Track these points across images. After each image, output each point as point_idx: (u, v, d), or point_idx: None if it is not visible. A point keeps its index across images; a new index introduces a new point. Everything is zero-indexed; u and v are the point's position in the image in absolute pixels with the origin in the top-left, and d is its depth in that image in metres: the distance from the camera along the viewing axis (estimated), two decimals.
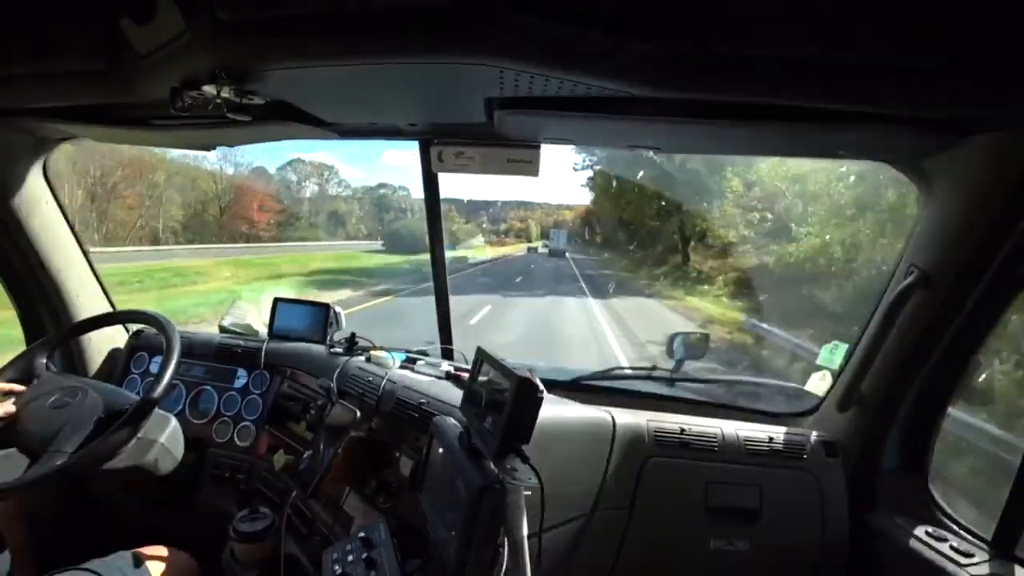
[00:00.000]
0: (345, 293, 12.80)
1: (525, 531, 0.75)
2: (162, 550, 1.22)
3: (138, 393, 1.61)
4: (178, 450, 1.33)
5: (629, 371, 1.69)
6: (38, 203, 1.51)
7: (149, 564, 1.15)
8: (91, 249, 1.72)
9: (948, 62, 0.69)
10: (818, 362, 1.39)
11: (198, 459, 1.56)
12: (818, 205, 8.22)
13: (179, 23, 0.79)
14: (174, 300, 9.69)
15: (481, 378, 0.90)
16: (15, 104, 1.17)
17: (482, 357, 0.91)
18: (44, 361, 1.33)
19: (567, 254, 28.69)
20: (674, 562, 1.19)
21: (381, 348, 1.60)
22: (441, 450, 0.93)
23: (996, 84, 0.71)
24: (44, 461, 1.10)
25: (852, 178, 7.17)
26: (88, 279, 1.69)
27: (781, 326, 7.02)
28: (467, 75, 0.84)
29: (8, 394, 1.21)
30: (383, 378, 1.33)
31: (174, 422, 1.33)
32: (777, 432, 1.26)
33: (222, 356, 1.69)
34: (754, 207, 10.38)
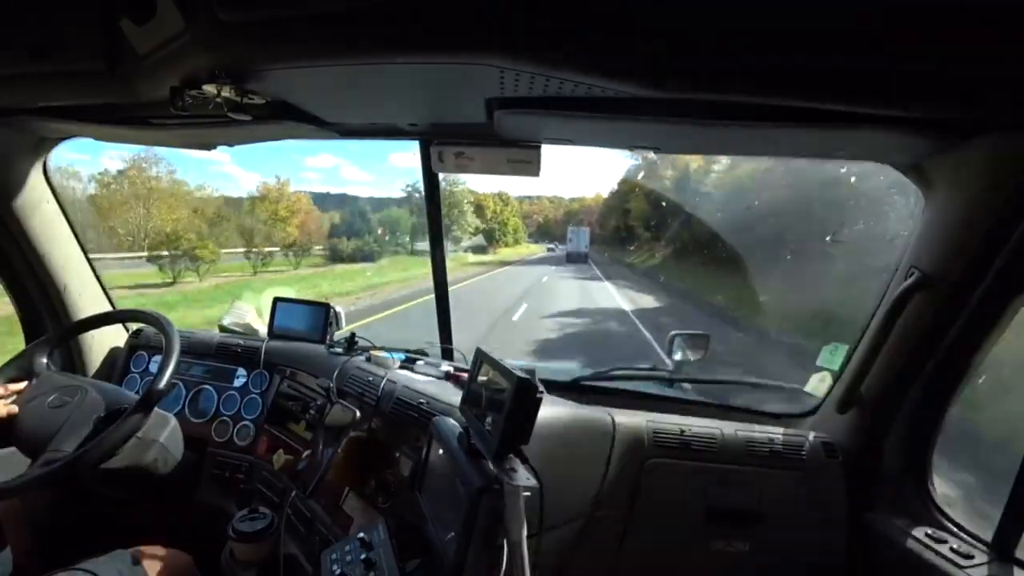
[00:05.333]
0: None
1: (524, 532, 0.75)
2: (160, 550, 1.22)
3: (137, 392, 1.62)
4: (178, 450, 1.33)
5: (629, 371, 1.69)
6: (38, 202, 1.51)
7: (147, 563, 1.15)
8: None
9: (948, 63, 0.69)
10: (818, 363, 1.38)
11: (197, 459, 1.56)
12: None
13: (179, 23, 0.79)
14: None
15: (480, 378, 0.90)
16: (15, 103, 1.17)
17: (481, 357, 0.91)
18: (44, 360, 1.34)
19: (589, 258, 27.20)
20: (673, 563, 1.19)
21: (381, 348, 1.60)
22: (440, 450, 0.93)
23: (996, 85, 0.71)
24: (44, 460, 1.10)
25: None
26: (88, 279, 1.69)
27: None
28: (467, 75, 0.84)
29: (9, 393, 1.22)
30: (383, 378, 1.33)
31: (174, 422, 1.33)
32: (777, 433, 1.25)
33: (222, 355, 1.69)
34: None
